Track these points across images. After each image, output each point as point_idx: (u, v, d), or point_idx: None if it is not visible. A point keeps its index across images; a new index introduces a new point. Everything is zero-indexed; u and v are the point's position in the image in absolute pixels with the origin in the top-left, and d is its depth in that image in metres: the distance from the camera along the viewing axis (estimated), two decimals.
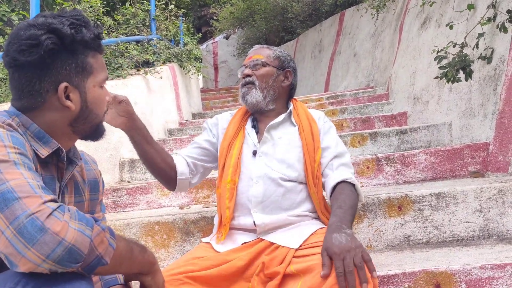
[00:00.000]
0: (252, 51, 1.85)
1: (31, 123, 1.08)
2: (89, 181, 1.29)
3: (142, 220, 2.18)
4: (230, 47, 12.97)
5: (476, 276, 1.54)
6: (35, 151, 1.05)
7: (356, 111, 4.47)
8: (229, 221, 1.60)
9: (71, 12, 1.11)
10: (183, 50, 6.06)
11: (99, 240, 0.90)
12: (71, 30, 1.07)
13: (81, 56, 1.10)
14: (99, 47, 1.14)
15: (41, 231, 0.83)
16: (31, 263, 0.83)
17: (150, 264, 1.10)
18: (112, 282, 1.24)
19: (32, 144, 1.05)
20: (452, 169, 2.59)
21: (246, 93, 1.77)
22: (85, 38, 1.09)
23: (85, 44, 1.09)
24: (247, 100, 1.76)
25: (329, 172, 1.65)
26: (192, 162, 1.76)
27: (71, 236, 0.85)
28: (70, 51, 1.08)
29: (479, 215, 1.97)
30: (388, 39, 5.60)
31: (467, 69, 2.51)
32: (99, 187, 1.33)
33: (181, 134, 4.55)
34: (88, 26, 1.11)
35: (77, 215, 0.89)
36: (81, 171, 1.27)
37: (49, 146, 1.08)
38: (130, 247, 1.01)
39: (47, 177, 1.09)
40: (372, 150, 3.23)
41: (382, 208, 2.03)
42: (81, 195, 1.24)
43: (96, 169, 1.35)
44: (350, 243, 1.28)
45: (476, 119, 2.75)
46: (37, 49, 1.03)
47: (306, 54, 9.20)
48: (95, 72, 1.13)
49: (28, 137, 1.06)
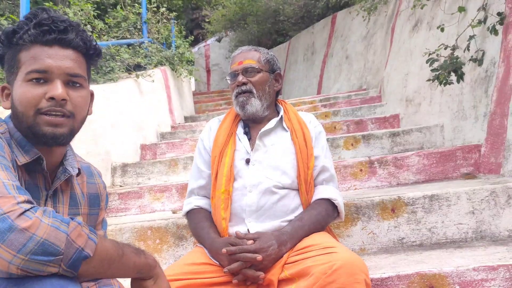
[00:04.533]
0: (240, 55, 1.77)
1: (16, 131, 1.07)
2: (90, 195, 1.25)
3: (135, 225, 2.16)
4: (222, 49, 12.95)
5: (469, 278, 1.54)
6: (15, 158, 1.03)
7: (349, 114, 4.48)
8: (226, 232, 1.59)
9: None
10: (175, 53, 6.03)
11: (76, 234, 0.89)
12: (12, 28, 1.05)
13: (16, 52, 1.06)
14: (43, 38, 1.05)
15: (10, 229, 0.83)
16: (2, 259, 0.83)
17: (149, 267, 1.07)
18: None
19: (14, 152, 1.04)
20: (444, 171, 2.60)
21: (245, 103, 1.71)
22: (23, 34, 1.04)
23: (22, 38, 1.04)
24: (247, 110, 1.71)
25: (318, 185, 1.68)
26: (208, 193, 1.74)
27: (42, 231, 0.85)
28: (10, 49, 1.07)
29: (471, 217, 1.97)
30: (380, 42, 5.62)
31: (458, 71, 2.53)
32: (100, 202, 1.29)
33: (173, 137, 4.53)
34: (42, 20, 1.05)
35: (52, 213, 0.89)
36: (81, 183, 1.23)
37: (29, 154, 1.06)
38: (121, 248, 0.99)
39: (31, 184, 1.07)
40: (365, 152, 3.23)
41: (376, 211, 2.03)
42: (77, 207, 1.20)
43: (100, 184, 1.30)
44: (271, 250, 1.44)
45: (468, 121, 2.76)
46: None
47: (298, 56, 9.21)
48: (23, 66, 1.05)
49: (13, 144, 1.05)
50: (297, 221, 1.56)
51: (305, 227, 1.54)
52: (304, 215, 1.58)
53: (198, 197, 1.74)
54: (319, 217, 1.58)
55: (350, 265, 1.25)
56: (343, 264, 1.24)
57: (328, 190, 1.66)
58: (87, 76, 1.13)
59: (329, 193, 1.64)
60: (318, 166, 1.68)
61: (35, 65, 1.03)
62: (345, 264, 1.25)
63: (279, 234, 1.49)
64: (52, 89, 1.03)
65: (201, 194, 1.74)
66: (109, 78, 3.96)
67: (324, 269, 1.25)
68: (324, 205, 1.62)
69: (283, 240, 1.47)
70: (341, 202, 1.66)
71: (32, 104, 1.03)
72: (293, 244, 1.49)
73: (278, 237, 1.48)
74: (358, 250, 2.02)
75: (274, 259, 1.44)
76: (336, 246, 1.37)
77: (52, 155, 1.11)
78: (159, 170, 3.32)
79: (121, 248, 0.99)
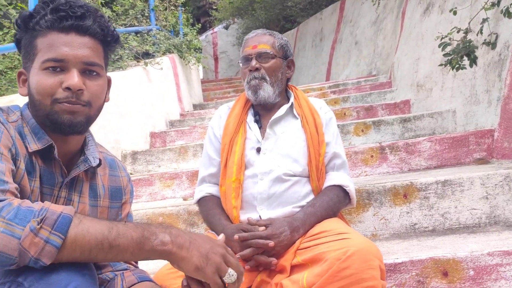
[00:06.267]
0: (254, 38, 1.73)
1: (31, 117, 1.07)
2: (111, 188, 1.23)
3: (146, 212, 2.17)
4: (230, 37, 12.87)
5: (483, 263, 1.53)
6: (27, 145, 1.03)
7: (358, 100, 4.44)
8: (237, 220, 1.58)
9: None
10: (183, 40, 6.00)
11: (28, 241, 0.80)
12: (29, 13, 1.03)
13: (32, 38, 1.04)
14: (60, 24, 1.02)
15: None
16: None
17: (158, 253, 0.92)
18: (145, 277, 1.18)
19: (27, 139, 1.04)
20: (457, 156, 2.57)
21: (258, 87, 1.67)
22: (39, 19, 1.02)
23: (38, 24, 1.02)
24: (259, 95, 1.67)
25: (329, 171, 1.67)
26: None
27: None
28: (27, 34, 1.05)
29: (485, 202, 1.95)
30: (390, 26, 5.54)
31: (471, 55, 2.48)
32: (122, 196, 1.26)
33: (182, 125, 4.53)
34: (59, 5, 1.02)
35: (14, 212, 0.82)
36: (103, 175, 1.22)
37: (41, 142, 1.05)
38: (109, 232, 0.87)
39: (46, 171, 1.07)
40: (375, 138, 3.21)
41: (387, 197, 2.02)
42: (97, 199, 1.19)
43: (124, 177, 1.28)
44: (284, 236, 1.44)
45: (481, 105, 2.72)
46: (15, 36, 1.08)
47: (306, 43, 9.14)
48: (39, 53, 1.03)
49: (26, 131, 1.05)
50: (309, 207, 1.55)
51: (317, 213, 1.53)
52: (316, 201, 1.57)
53: (209, 184, 1.74)
54: (331, 203, 1.57)
55: (364, 251, 1.24)
56: (357, 250, 1.23)
57: (339, 176, 1.65)
58: (104, 64, 1.10)
59: (341, 179, 1.63)
60: (329, 153, 1.66)
61: (51, 53, 1.01)
62: (359, 250, 1.24)
63: (291, 220, 1.49)
64: (68, 79, 1.01)
65: (212, 182, 1.74)
66: (117, 66, 3.95)
67: (338, 255, 1.24)
68: (335, 191, 1.61)
69: (295, 226, 1.47)
70: (353, 188, 1.65)
71: (48, 93, 1.01)
72: (305, 230, 1.49)
73: (290, 223, 1.47)
74: (370, 235, 2.01)
75: (287, 245, 1.44)
76: (350, 232, 1.37)
77: (68, 144, 1.10)
78: (169, 157, 3.32)
79: (108, 232, 0.87)
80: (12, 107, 1.09)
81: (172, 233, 0.93)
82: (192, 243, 0.94)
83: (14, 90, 3.06)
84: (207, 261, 0.94)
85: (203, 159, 1.78)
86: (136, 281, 1.16)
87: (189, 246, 0.93)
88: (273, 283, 1.40)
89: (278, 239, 1.42)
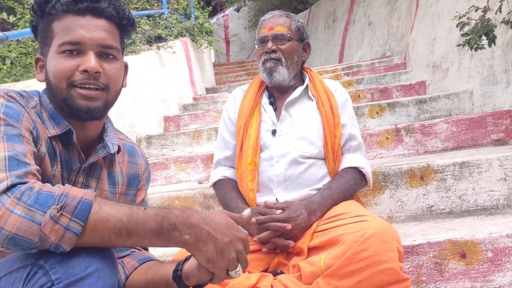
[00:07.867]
0: (270, 19, 1.71)
1: (48, 103, 1.07)
2: (129, 175, 1.24)
3: (162, 195, 2.19)
4: (241, 19, 12.75)
5: (502, 245, 1.51)
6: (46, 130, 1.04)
7: (372, 82, 4.39)
8: (254, 203, 1.59)
9: None
10: (194, 23, 5.97)
11: (49, 228, 0.81)
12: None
13: (48, 23, 1.04)
14: (75, 7, 1.02)
15: None
16: None
17: (176, 241, 0.90)
18: (145, 258, 1.19)
19: (46, 124, 1.05)
20: (474, 137, 2.54)
21: (273, 70, 1.66)
22: (55, 3, 1.02)
23: (54, 8, 1.02)
24: (274, 77, 1.67)
25: (345, 153, 1.66)
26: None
27: (11, 224, 0.79)
28: (43, 19, 1.05)
29: (503, 183, 1.93)
30: (405, 6, 5.44)
31: (490, 34, 2.42)
32: (138, 183, 1.27)
33: (195, 109, 4.54)
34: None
35: (34, 197, 0.82)
36: (122, 162, 1.22)
37: (60, 127, 1.05)
38: (128, 220, 0.86)
39: (66, 156, 1.08)
40: (390, 120, 3.18)
41: (404, 179, 2.00)
42: (115, 186, 1.19)
43: (143, 164, 1.28)
44: (301, 219, 1.45)
45: (499, 86, 2.67)
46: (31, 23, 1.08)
47: (319, 24, 9.02)
48: (56, 37, 1.02)
49: (45, 117, 1.05)
50: (326, 189, 1.55)
51: (334, 195, 1.53)
52: (333, 184, 1.57)
53: (225, 167, 1.74)
54: (347, 186, 1.57)
55: (382, 233, 1.24)
56: (375, 232, 1.23)
57: (355, 158, 1.64)
58: (120, 48, 1.10)
59: (357, 161, 1.62)
60: (345, 135, 1.65)
61: (68, 36, 1.01)
62: (377, 232, 1.23)
63: (308, 203, 1.49)
64: (85, 61, 1.01)
65: (227, 165, 1.74)
66: (130, 50, 3.95)
67: (356, 237, 1.25)
68: (352, 173, 1.61)
69: (312, 209, 1.47)
70: (369, 170, 1.64)
71: (65, 76, 1.01)
72: (322, 212, 1.49)
73: (307, 206, 1.47)
74: (386, 218, 2.00)
75: (304, 228, 1.45)
76: (367, 214, 1.36)
77: (85, 129, 1.10)
78: (183, 141, 3.34)
79: (126, 218, 0.86)
80: (31, 92, 1.10)
81: (192, 224, 0.90)
82: (211, 235, 0.91)
83: (28, 76, 3.09)
84: (221, 257, 0.92)
85: (218, 142, 1.78)
86: (138, 264, 1.16)
87: (207, 240, 0.91)
88: (290, 265, 1.41)
89: (296, 222, 1.43)
